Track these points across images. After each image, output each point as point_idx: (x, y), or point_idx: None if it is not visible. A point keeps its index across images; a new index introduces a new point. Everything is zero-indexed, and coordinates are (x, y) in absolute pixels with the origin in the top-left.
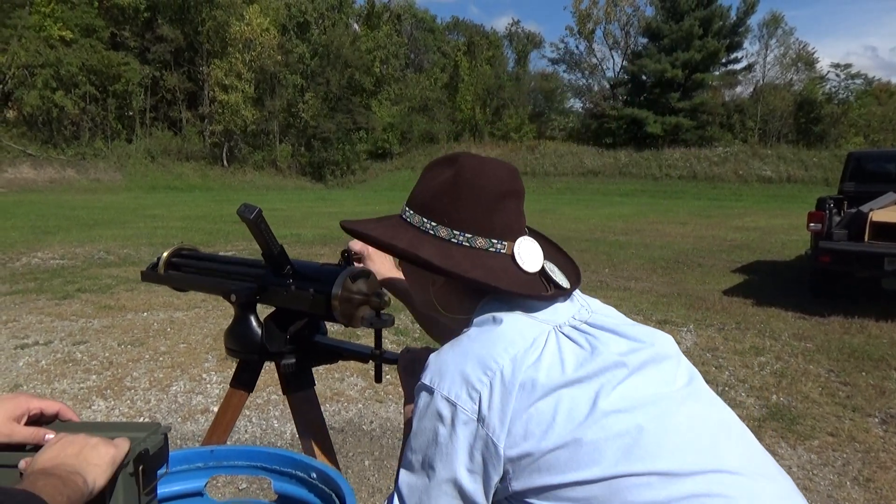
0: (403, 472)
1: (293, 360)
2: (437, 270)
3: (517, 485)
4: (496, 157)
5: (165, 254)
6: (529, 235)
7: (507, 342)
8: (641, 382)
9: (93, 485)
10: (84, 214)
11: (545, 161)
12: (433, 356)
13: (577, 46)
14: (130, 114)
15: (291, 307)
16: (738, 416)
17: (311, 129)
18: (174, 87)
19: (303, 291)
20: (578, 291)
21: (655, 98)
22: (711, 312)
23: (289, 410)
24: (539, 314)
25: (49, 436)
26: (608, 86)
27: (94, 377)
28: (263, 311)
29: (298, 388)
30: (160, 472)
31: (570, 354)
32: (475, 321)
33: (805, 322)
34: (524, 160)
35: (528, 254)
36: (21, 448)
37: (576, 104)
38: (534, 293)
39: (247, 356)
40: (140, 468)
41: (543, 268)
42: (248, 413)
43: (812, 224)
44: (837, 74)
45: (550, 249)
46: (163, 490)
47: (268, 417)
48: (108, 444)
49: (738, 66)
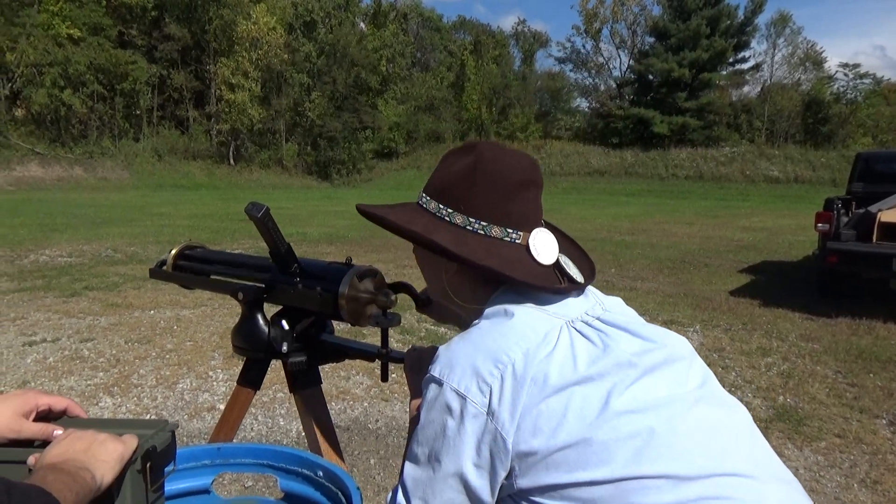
0: (408, 465)
1: (300, 359)
2: (452, 256)
3: (523, 482)
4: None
5: (173, 251)
6: (545, 228)
7: (520, 335)
8: (653, 383)
9: (101, 480)
10: (91, 212)
11: (551, 161)
12: (443, 348)
13: (584, 46)
14: (138, 112)
15: (298, 305)
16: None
17: (318, 128)
18: (181, 86)
19: (310, 290)
20: (593, 287)
21: (662, 98)
22: (718, 313)
23: (295, 408)
24: (551, 308)
25: (57, 432)
26: (615, 85)
27: (102, 374)
28: (270, 310)
29: (305, 387)
30: (167, 470)
31: (583, 351)
32: (486, 313)
33: (812, 323)
34: None
35: (544, 245)
36: (30, 444)
37: (582, 104)
38: (547, 285)
39: (253, 354)
40: (148, 465)
41: (558, 260)
42: (255, 411)
43: (820, 224)
44: (846, 74)
45: (565, 243)
46: (170, 487)
47: (274, 415)
48: (117, 441)
49: (746, 66)
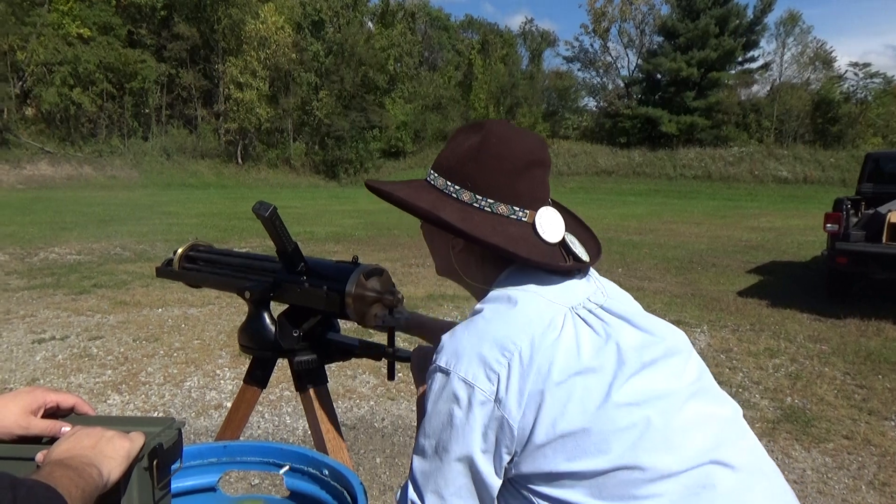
0: (416, 459)
1: (306, 358)
2: (457, 232)
3: (523, 467)
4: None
5: (180, 250)
6: (552, 207)
7: (525, 323)
8: (652, 377)
9: (108, 477)
10: (100, 211)
11: (558, 160)
12: (446, 337)
13: (592, 45)
14: (147, 111)
15: (305, 304)
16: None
17: (325, 128)
18: (190, 85)
19: (316, 289)
20: (595, 272)
21: (670, 97)
22: (726, 313)
23: (301, 406)
24: (554, 293)
25: (65, 429)
26: (622, 84)
27: (110, 372)
28: (277, 309)
29: (311, 385)
30: (174, 467)
31: (586, 340)
32: (489, 296)
33: (821, 324)
34: None
35: (550, 224)
36: (38, 441)
37: (590, 103)
38: (552, 262)
39: (260, 353)
40: (154, 462)
41: (564, 239)
42: (261, 409)
43: (829, 225)
44: (856, 73)
45: (573, 223)
46: (176, 484)
47: (280, 413)
48: (124, 438)
49: (755, 65)
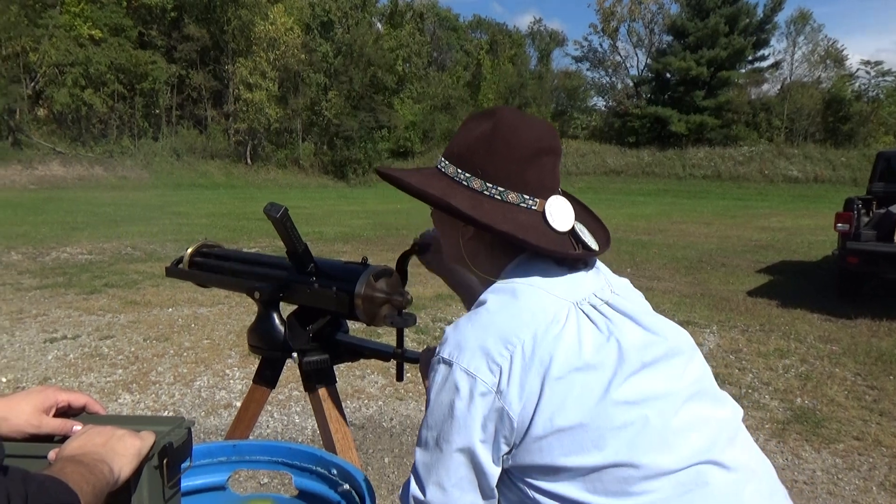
0: (419, 452)
1: (315, 358)
2: (467, 219)
3: (520, 459)
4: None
5: (190, 250)
6: (562, 196)
7: (529, 317)
8: (652, 377)
9: (118, 474)
10: (111, 211)
11: (567, 160)
12: (450, 329)
13: (601, 44)
14: (157, 112)
15: (314, 305)
16: (762, 419)
17: (334, 128)
18: (200, 86)
19: (326, 290)
20: (604, 266)
21: (680, 96)
22: (735, 314)
23: (310, 406)
24: (559, 287)
25: (76, 427)
26: (632, 84)
27: (121, 371)
28: (286, 309)
29: (320, 386)
30: (184, 466)
31: (588, 337)
32: (493, 288)
33: (831, 324)
34: None
35: (560, 212)
36: (49, 439)
37: (599, 103)
38: (561, 250)
39: (269, 353)
40: (164, 461)
41: (574, 228)
42: (270, 409)
43: (840, 224)
44: (867, 72)
45: (583, 212)
46: (186, 483)
47: (289, 413)
48: (134, 436)
49: (765, 64)
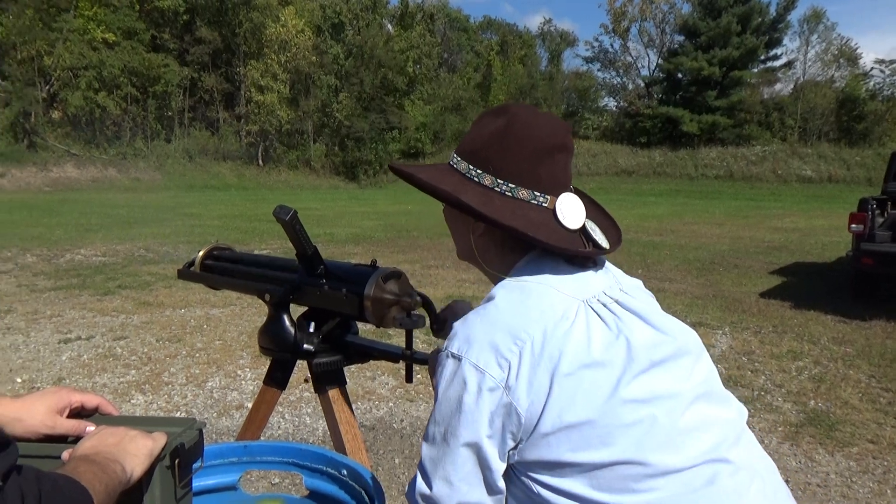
0: (425, 447)
1: (325, 360)
2: (478, 215)
3: (526, 454)
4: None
5: (201, 252)
6: (574, 193)
7: (539, 314)
8: (660, 376)
9: (130, 473)
10: (125, 213)
11: (578, 160)
12: (458, 324)
13: (612, 45)
14: (170, 114)
15: (324, 307)
16: (774, 422)
17: (345, 129)
18: (212, 88)
19: (336, 292)
20: (614, 267)
21: (691, 96)
22: (748, 315)
23: (321, 407)
24: (569, 285)
25: (90, 428)
26: (643, 84)
27: (134, 372)
28: (297, 311)
29: (330, 387)
30: (195, 466)
31: (598, 334)
32: (502, 284)
33: (845, 326)
34: None
35: (571, 210)
36: (63, 440)
37: (610, 103)
38: (571, 248)
39: (280, 355)
40: (176, 461)
41: (584, 226)
42: (281, 410)
43: (854, 225)
44: (882, 70)
45: (594, 210)
46: (198, 483)
47: (300, 414)
48: (147, 437)
49: (778, 63)
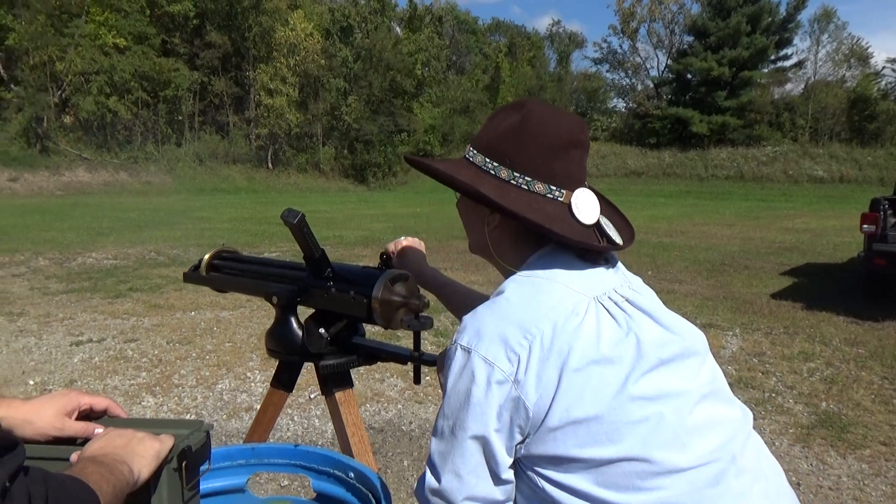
0: (434, 442)
1: (332, 362)
2: (495, 206)
3: (533, 449)
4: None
5: (207, 256)
6: (589, 189)
7: (549, 308)
8: (668, 375)
9: (138, 474)
10: (136, 216)
11: (587, 162)
12: (468, 317)
13: (621, 45)
14: (180, 118)
15: (332, 309)
16: (786, 424)
17: (354, 132)
18: (221, 92)
19: (343, 294)
20: (623, 266)
21: (701, 97)
22: (758, 316)
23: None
24: (580, 281)
25: (98, 430)
26: (652, 85)
27: (144, 374)
28: (304, 314)
29: (337, 389)
30: (203, 468)
31: (607, 330)
32: (514, 278)
33: (857, 327)
34: None
35: (585, 205)
36: (72, 442)
37: (619, 104)
38: (586, 242)
39: (287, 357)
40: (183, 464)
41: (599, 221)
42: (290, 412)
43: (865, 226)
44: (894, 70)
45: (608, 208)
46: (206, 485)
47: (309, 416)
48: (154, 439)
49: (788, 63)
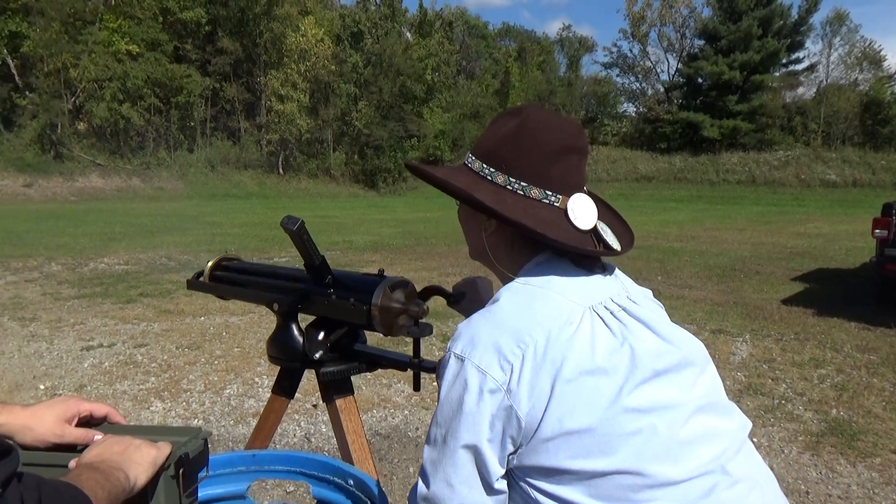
0: (427, 450)
1: (332, 369)
2: (489, 212)
3: (525, 460)
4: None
5: (210, 263)
6: (587, 194)
7: (543, 317)
8: (663, 386)
9: (134, 481)
10: (148, 222)
11: (598, 167)
12: (463, 325)
13: (631, 50)
14: (192, 124)
15: (332, 316)
16: (795, 431)
17: (364, 137)
18: (233, 98)
19: (343, 301)
20: (622, 273)
21: (712, 101)
22: (769, 322)
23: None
24: (575, 290)
25: (97, 437)
26: (662, 89)
27: (153, 379)
28: (305, 321)
29: (338, 396)
30: (201, 475)
31: (602, 340)
32: (509, 286)
33: (869, 333)
34: None
35: (582, 210)
36: (72, 448)
37: (629, 108)
38: (580, 246)
39: (288, 364)
40: (181, 471)
41: (596, 227)
42: (297, 417)
43: (877, 231)
44: None
45: (607, 213)
46: (207, 492)
47: (316, 422)
48: (151, 446)
49: (800, 67)
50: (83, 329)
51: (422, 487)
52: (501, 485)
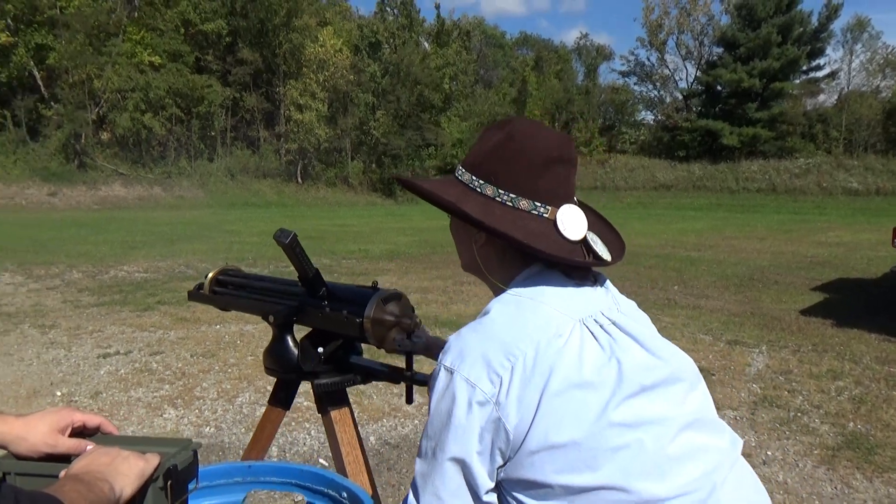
0: (418, 463)
1: (326, 381)
2: (477, 224)
3: (512, 472)
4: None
5: (210, 274)
6: (576, 205)
7: (533, 330)
8: (651, 401)
9: (119, 493)
10: (168, 230)
11: (616, 175)
12: (453, 337)
13: (649, 58)
14: (212, 134)
15: (326, 328)
16: (811, 444)
17: (382, 146)
18: (253, 108)
19: (337, 313)
20: (614, 287)
21: (731, 109)
22: (787, 333)
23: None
24: (566, 302)
25: (89, 447)
26: (681, 97)
27: (168, 387)
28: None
29: (333, 408)
30: (190, 487)
31: (590, 354)
32: (499, 298)
33: (890, 344)
34: (594, 174)
35: (571, 221)
36: (65, 459)
37: (647, 117)
38: (569, 257)
39: (284, 375)
40: (169, 483)
41: (586, 237)
42: (308, 426)
43: None
44: None
45: (598, 223)
46: (202, 503)
47: (323, 431)
48: (139, 458)
49: (821, 74)
50: (101, 336)
51: (412, 500)
52: (490, 497)
